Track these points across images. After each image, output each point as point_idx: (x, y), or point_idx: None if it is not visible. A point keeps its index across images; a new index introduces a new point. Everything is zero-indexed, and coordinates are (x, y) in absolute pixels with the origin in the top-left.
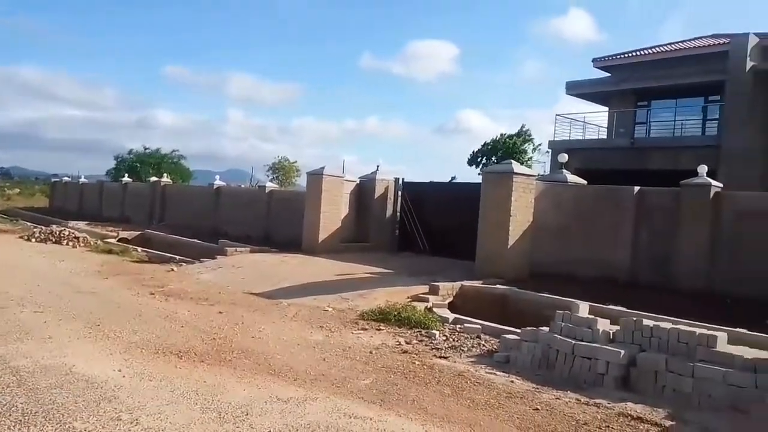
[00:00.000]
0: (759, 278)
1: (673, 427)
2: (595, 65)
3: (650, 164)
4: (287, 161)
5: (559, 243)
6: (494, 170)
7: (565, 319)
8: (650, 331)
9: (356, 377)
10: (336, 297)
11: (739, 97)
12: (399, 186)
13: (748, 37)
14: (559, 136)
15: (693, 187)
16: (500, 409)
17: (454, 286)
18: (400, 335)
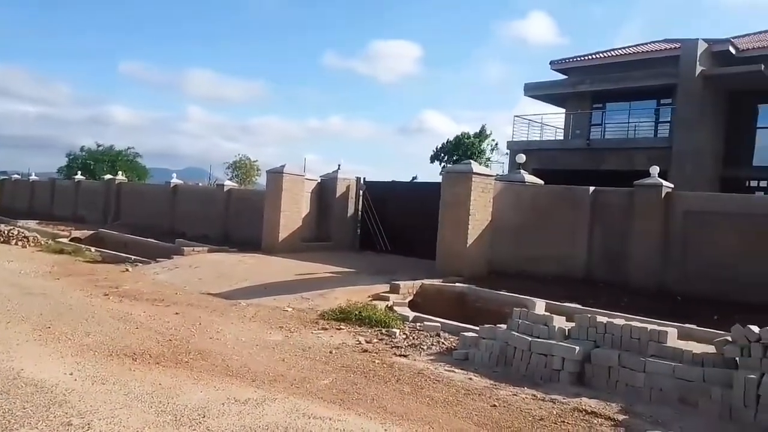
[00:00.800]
0: (707, 276)
1: (625, 420)
2: (553, 67)
3: (605, 165)
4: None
5: (517, 241)
6: (454, 170)
7: (522, 317)
8: (604, 328)
9: (316, 377)
10: (296, 297)
11: (690, 101)
12: (361, 185)
13: (698, 43)
14: (518, 136)
15: (645, 188)
16: (459, 406)
17: (415, 284)
18: (361, 334)
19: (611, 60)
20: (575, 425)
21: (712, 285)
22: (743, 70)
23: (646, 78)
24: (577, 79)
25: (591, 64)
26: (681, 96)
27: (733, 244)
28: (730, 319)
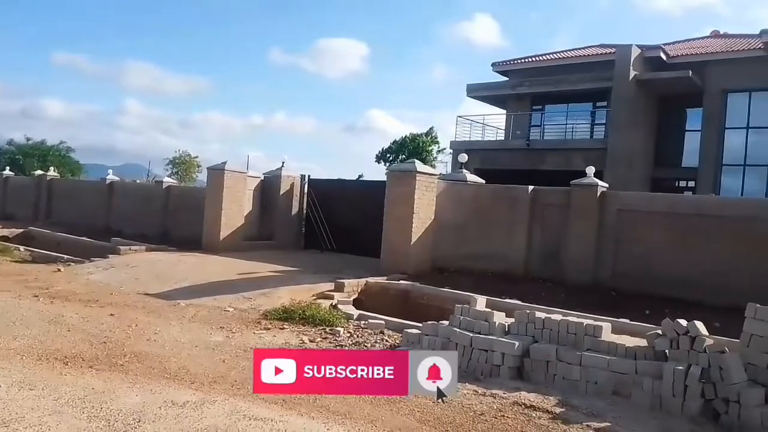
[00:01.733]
0: (639, 272)
1: (562, 413)
2: (494, 69)
3: (544, 165)
4: (188, 156)
5: (460, 239)
6: (398, 169)
7: (463, 313)
8: (542, 323)
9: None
10: (238, 296)
11: (623, 104)
12: (305, 183)
13: (631, 48)
14: (460, 136)
15: (581, 187)
16: (401, 403)
17: (360, 282)
18: (304, 333)
19: (550, 63)
20: (515, 419)
21: (643, 280)
22: (673, 75)
23: (583, 81)
24: (517, 81)
25: (530, 67)
26: (615, 99)
27: (662, 241)
28: (661, 313)
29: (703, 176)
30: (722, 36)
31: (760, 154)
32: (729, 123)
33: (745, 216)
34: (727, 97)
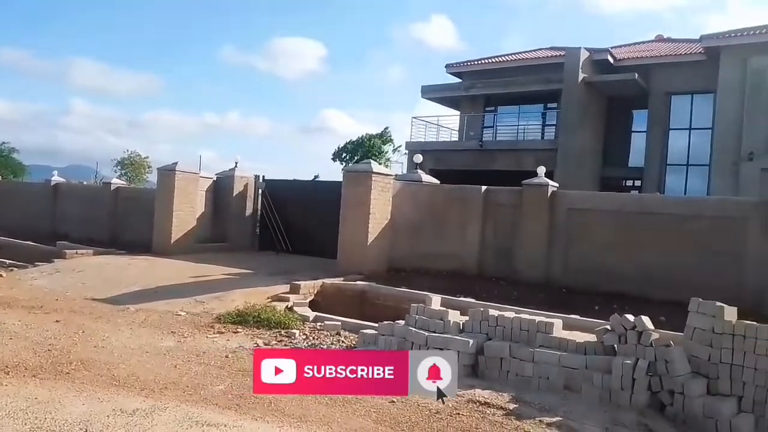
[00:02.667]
0: (588, 269)
1: (515, 409)
2: (448, 71)
3: (497, 165)
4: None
5: (416, 239)
6: (354, 169)
7: (419, 312)
8: (496, 321)
9: (210, 383)
10: (190, 300)
11: (573, 105)
12: (259, 183)
13: (580, 51)
14: (415, 137)
15: (533, 187)
16: (357, 404)
17: (315, 284)
18: (259, 337)
19: (502, 65)
20: (469, 416)
21: (593, 277)
22: (619, 78)
23: (534, 83)
24: (470, 83)
25: (483, 69)
26: (565, 101)
27: (611, 239)
28: (610, 309)
29: (649, 175)
30: (666, 40)
31: (702, 154)
32: (673, 124)
33: (687, 214)
34: (670, 99)
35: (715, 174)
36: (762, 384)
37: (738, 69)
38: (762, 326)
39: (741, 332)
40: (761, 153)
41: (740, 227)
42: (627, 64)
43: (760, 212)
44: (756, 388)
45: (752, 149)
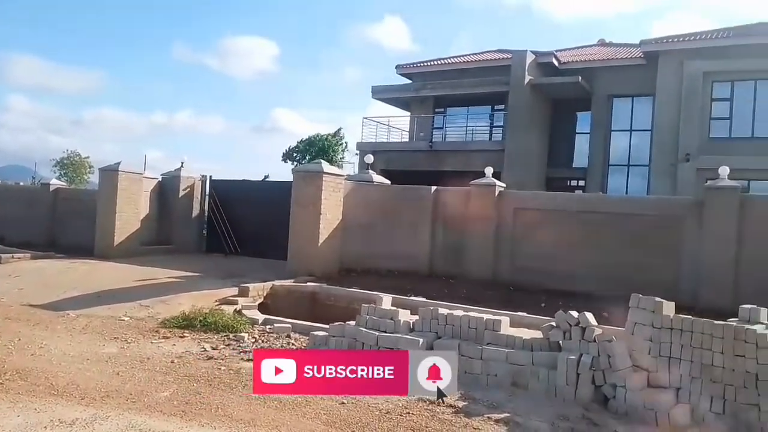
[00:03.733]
0: (535, 267)
1: (465, 406)
2: (398, 72)
3: (447, 166)
4: (78, 156)
5: (367, 239)
6: (304, 169)
7: (369, 312)
8: (445, 319)
9: (155, 390)
10: (134, 305)
11: (519, 107)
12: (206, 184)
13: (526, 54)
14: (367, 138)
15: (481, 187)
16: (307, 407)
17: (265, 286)
18: (206, 341)
19: (451, 67)
20: (419, 415)
21: (539, 275)
22: (564, 81)
23: (482, 85)
24: (420, 84)
25: (432, 70)
26: (512, 103)
27: (555, 238)
28: (556, 306)
29: (592, 176)
30: (608, 45)
31: (642, 155)
32: (614, 126)
33: (628, 213)
34: (612, 101)
35: (654, 174)
36: (698, 376)
37: (675, 73)
38: (697, 320)
39: (678, 326)
40: (697, 154)
41: (677, 225)
42: (571, 68)
43: (696, 211)
44: (692, 380)
45: (689, 150)
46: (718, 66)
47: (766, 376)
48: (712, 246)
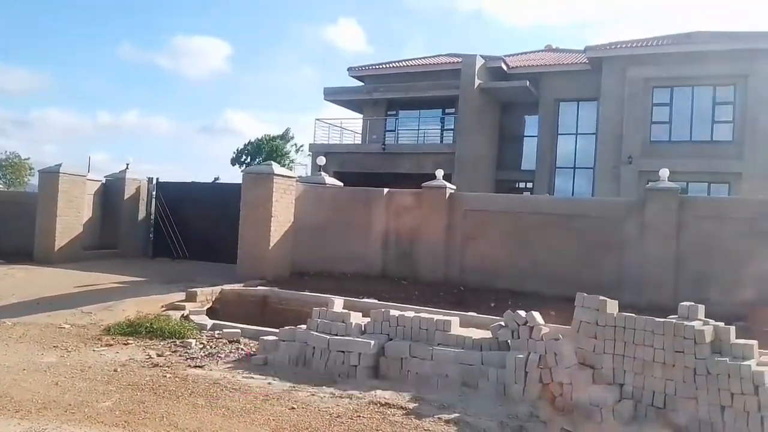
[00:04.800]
0: (485, 267)
1: (415, 408)
2: (350, 74)
3: (400, 168)
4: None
5: (319, 242)
6: (255, 171)
7: (321, 316)
8: (397, 321)
9: (96, 399)
10: (75, 311)
11: (469, 110)
12: (153, 186)
13: (476, 58)
14: (319, 139)
15: (432, 189)
16: (256, 413)
17: (214, 290)
18: (152, 348)
19: (403, 70)
20: (370, 418)
21: (489, 275)
22: (512, 85)
23: (433, 88)
24: (372, 87)
25: (384, 73)
26: (462, 106)
27: (504, 238)
28: (505, 305)
29: (540, 178)
30: (555, 50)
31: (587, 157)
32: (561, 129)
33: (573, 213)
34: (559, 105)
35: (598, 176)
36: (640, 372)
37: (618, 79)
38: (639, 317)
39: (621, 324)
40: (639, 157)
41: (620, 226)
42: (519, 72)
43: (638, 212)
44: (635, 375)
45: (631, 153)
46: (657, 72)
47: (703, 371)
48: (653, 245)
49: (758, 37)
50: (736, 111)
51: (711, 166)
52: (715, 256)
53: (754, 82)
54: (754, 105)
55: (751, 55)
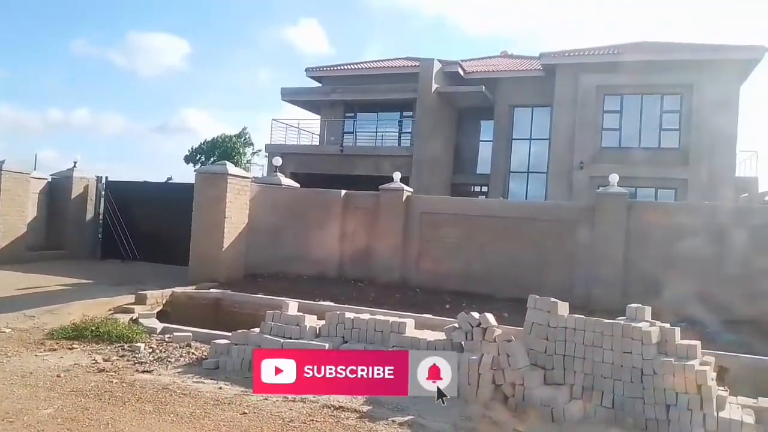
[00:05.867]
0: (441, 269)
1: (369, 411)
2: (308, 74)
3: (358, 170)
4: None
5: (275, 243)
6: (208, 171)
7: (275, 319)
8: (352, 323)
9: (37, 407)
10: (17, 315)
11: (427, 114)
12: (102, 185)
13: (433, 63)
14: (276, 140)
15: (389, 191)
16: (206, 418)
17: (164, 293)
18: (98, 352)
19: (361, 72)
20: (323, 422)
21: (444, 277)
22: (469, 90)
23: (391, 91)
24: (330, 88)
25: (343, 75)
26: (419, 109)
27: (460, 241)
28: (459, 307)
29: (494, 182)
30: (510, 57)
31: (541, 162)
32: (516, 134)
33: (527, 217)
34: (513, 111)
35: (551, 180)
36: (590, 372)
37: (570, 85)
38: (590, 319)
39: (572, 326)
40: (590, 162)
41: (572, 229)
42: (476, 77)
43: (589, 216)
44: (585, 376)
45: (583, 159)
46: (608, 80)
47: (650, 371)
48: (602, 248)
49: (703, 49)
50: (683, 119)
51: (658, 173)
52: (662, 259)
53: (699, 91)
54: (698, 114)
55: (697, 65)
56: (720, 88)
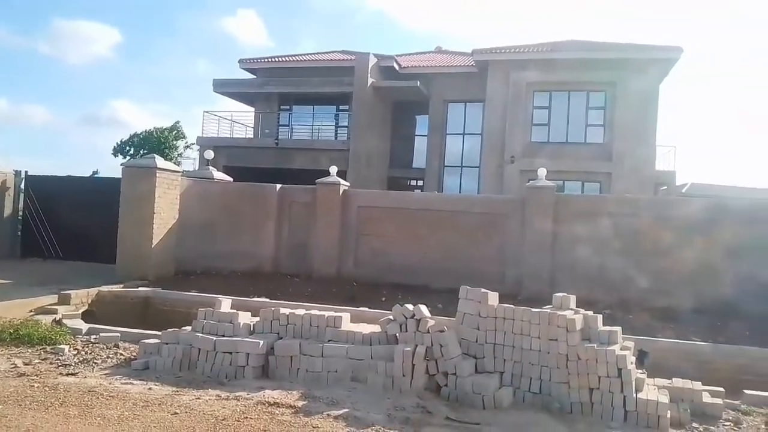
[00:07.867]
0: (378, 263)
1: (304, 405)
2: (241, 66)
3: (295, 164)
4: None
5: (207, 239)
6: (136, 164)
7: (207, 317)
8: (287, 319)
9: None
10: None
11: (363, 108)
12: (21, 179)
13: (369, 57)
14: (208, 132)
15: (325, 185)
16: (135, 420)
17: (90, 293)
18: (18, 356)
19: (296, 65)
20: (258, 419)
21: (381, 270)
22: (404, 84)
23: (327, 85)
24: (264, 80)
25: (277, 67)
26: (355, 103)
27: (396, 234)
28: (395, 299)
29: (430, 176)
30: (444, 52)
31: (474, 156)
32: (450, 129)
33: (460, 210)
34: (447, 106)
35: (484, 175)
36: (519, 360)
37: (502, 82)
38: (518, 308)
39: (501, 315)
40: (520, 157)
41: (503, 221)
42: (411, 72)
43: (519, 208)
44: (514, 363)
45: (513, 153)
46: (537, 77)
47: (574, 357)
48: (532, 240)
49: (626, 48)
50: (606, 115)
51: (584, 166)
52: (587, 249)
53: (622, 89)
54: (621, 110)
55: (620, 64)
56: (641, 85)
